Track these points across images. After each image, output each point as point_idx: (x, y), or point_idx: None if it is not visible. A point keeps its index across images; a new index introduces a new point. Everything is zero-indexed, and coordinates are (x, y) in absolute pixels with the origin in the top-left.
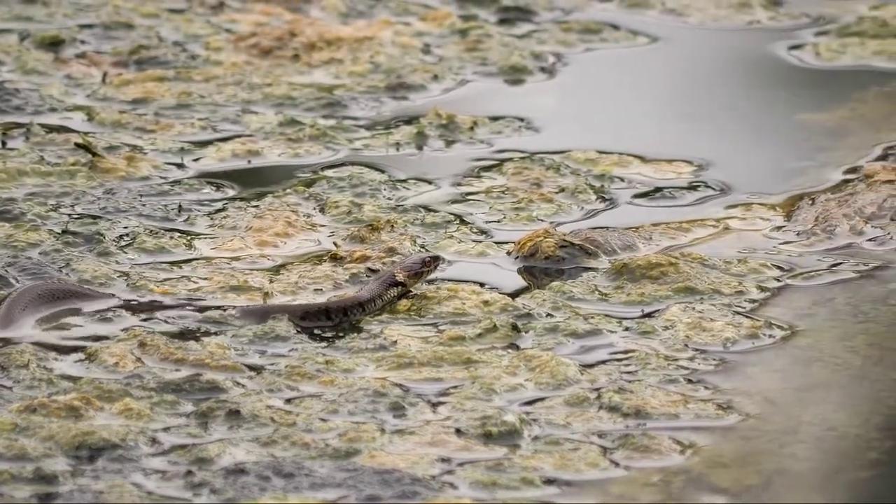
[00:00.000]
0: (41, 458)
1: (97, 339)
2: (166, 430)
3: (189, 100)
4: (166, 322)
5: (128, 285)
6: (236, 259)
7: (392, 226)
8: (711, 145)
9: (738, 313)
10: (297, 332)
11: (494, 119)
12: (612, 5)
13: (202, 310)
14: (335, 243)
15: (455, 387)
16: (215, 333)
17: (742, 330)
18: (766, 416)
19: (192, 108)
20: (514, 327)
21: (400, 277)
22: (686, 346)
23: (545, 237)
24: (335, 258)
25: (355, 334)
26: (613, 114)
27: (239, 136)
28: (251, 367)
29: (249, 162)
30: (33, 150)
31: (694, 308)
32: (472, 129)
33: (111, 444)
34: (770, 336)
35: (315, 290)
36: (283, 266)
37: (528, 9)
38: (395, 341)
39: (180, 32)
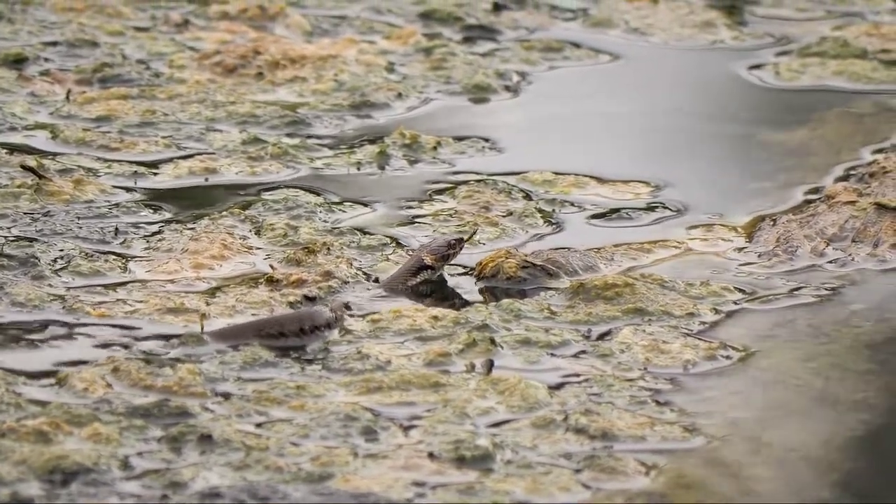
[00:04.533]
0: (15, 482)
1: (71, 363)
2: (139, 454)
3: (153, 118)
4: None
5: (63, 308)
6: (172, 282)
7: (328, 248)
8: (671, 166)
9: (689, 335)
10: (276, 356)
11: (459, 139)
12: (576, 24)
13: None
14: (271, 266)
15: (428, 410)
16: (192, 359)
17: (700, 352)
18: (728, 437)
19: (156, 125)
20: (492, 341)
21: (428, 261)
22: (645, 368)
23: (506, 258)
24: (271, 281)
25: (325, 355)
26: (574, 133)
27: (200, 154)
28: (220, 393)
29: (207, 180)
30: None
31: (644, 330)
32: (435, 148)
33: (84, 469)
34: (727, 358)
35: (252, 314)
36: (218, 289)
37: (493, 28)
38: (389, 360)
39: (144, 50)
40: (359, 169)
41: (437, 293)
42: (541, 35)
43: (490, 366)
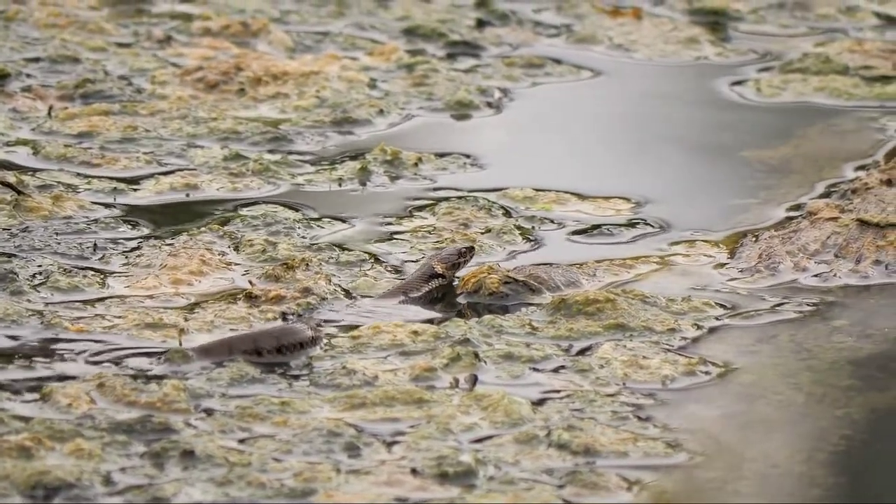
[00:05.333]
0: None
1: (50, 379)
2: (122, 470)
3: (134, 134)
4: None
5: (41, 324)
6: (150, 297)
7: (307, 264)
8: (652, 182)
9: (670, 350)
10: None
11: (440, 155)
12: (560, 41)
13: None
14: (250, 282)
15: (411, 426)
16: (177, 375)
17: (679, 367)
18: (710, 453)
19: (138, 141)
20: (476, 356)
21: (439, 269)
22: (623, 384)
23: (489, 274)
24: (250, 297)
25: (310, 372)
26: (556, 150)
27: (181, 170)
28: (204, 409)
29: (188, 195)
30: None
31: (624, 345)
32: (416, 164)
33: (67, 484)
34: (706, 373)
35: (230, 329)
36: (197, 304)
37: (477, 44)
38: (376, 376)
39: (127, 66)
40: (340, 185)
41: (417, 308)
42: (524, 51)
43: (474, 381)
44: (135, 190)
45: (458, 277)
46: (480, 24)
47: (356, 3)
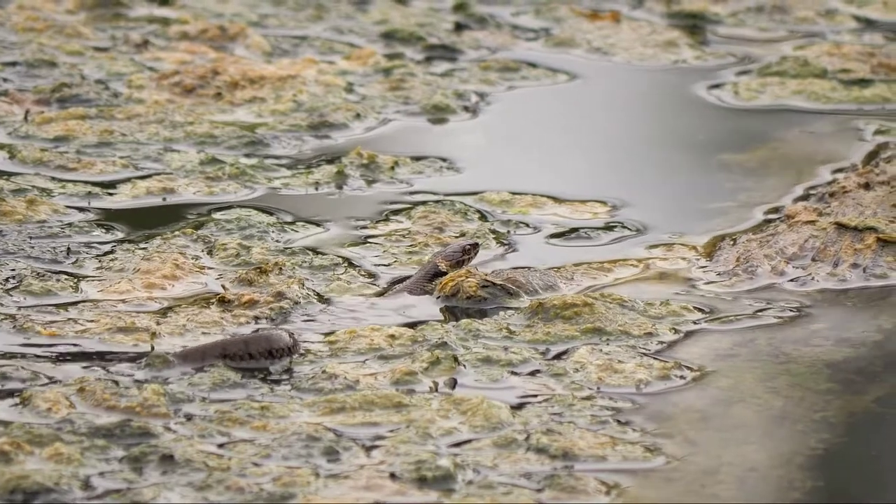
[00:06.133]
0: None
1: (23, 382)
2: (101, 474)
3: (111, 138)
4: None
5: (14, 328)
6: (123, 301)
7: (280, 268)
8: (630, 185)
9: (646, 355)
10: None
11: (416, 159)
12: (538, 44)
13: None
14: (223, 286)
15: (391, 431)
16: (158, 380)
17: (653, 371)
18: (688, 457)
19: (114, 146)
20: (455, 359)
21: (443, 267)
22: (598, 388)
23: (466, 277)
24: (223, 301)
25: (291, 377)
26: (532, 153)
27: (158, 174)
28: (183, 414)
29: (164, 200)
30: None
31: (601, 349)
32: (392, 168)
33: (45, 488)
34: (681, 377)
35: (203, 333)
36: (170, 308)
37: (455, 47)
38: (357, 380)
39: (104, 71)
40: (317, 189)
41: (392, 312)
42: (503, 55)
43: (453, 384)
44: (111, 194)
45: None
46: (458, 27)
47: (334, 7)
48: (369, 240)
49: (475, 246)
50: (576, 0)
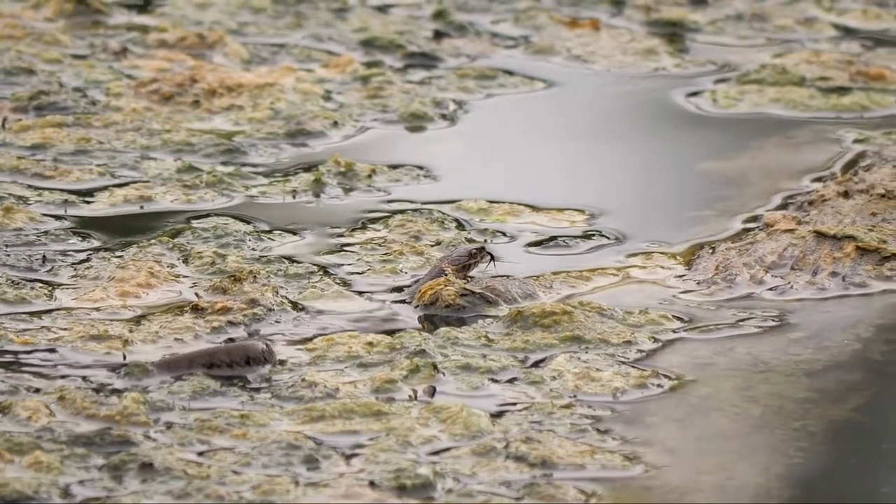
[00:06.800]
0: None
1: (16, 392)
2: (80, 483)
3: (88, 146)
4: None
5: None
6: (97, 309)
7: (255, 277)
8: (608, 194)
9: (624, 363)
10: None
11: (393, 167)
12: (518, 52)
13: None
14: (197, 294)
15: (371, 439)
16: (138, 388)
17: (630, 380)
18: (666, 465)
19: (91, 153)
20: (434, 367)
21: (449, 272)
22: (574, 396)
23: (445, 285)
24: (196, 309)
25: (270, 385)
26: (510, 161)
27: (135, 182)
28: (163, 422)
29: (142, 208)
30: None
31: (579, 358)
32: (370, 176)
33: (25, 497)
34: (658, 386)
35: (175, 339)
36: (144, 316)
37: (435, 55)
38: (337, 388)
39: (82, 78)
40: (294, 197)
41: (370, 319)
42: (482, 63)
43: (433, 392)
44: (88, 202)
45: (471, 278)
46: (438, 35)
47: (314, 15)
48: (345, 248)
49: (481, 250)
50: (555, 8)
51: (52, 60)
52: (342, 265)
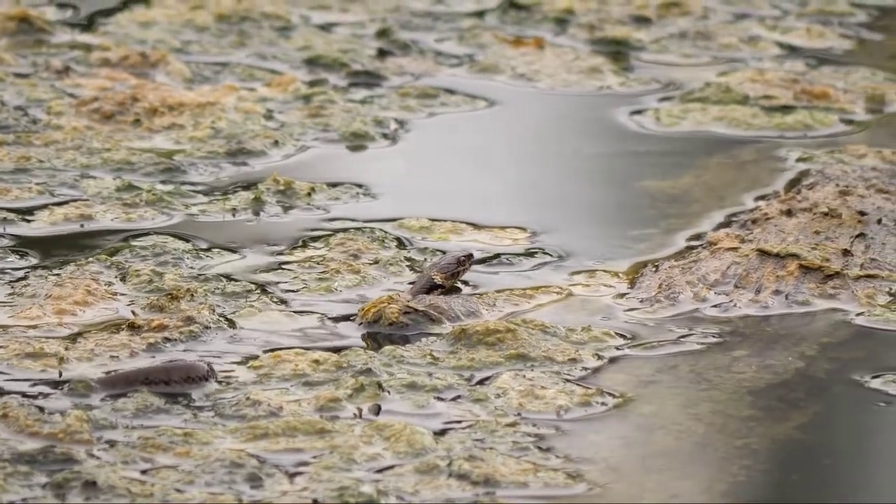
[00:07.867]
0: None
1: None
2: (23, 501)
3: (28, 164)
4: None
5: None
6: (34, 327)
7: (192, 295)
8: (551, 212)
9: (569, 381)
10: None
11: (333, 185)
12: (462, 70)
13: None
14: (133, 312)
15: (314, 457)
16: (82, 406)
17: (575, 398)
18: (610, 483)
19: (31, 172)
20: (379, 386)
21: (438, 280)
22: (519, 413)
23: (388, 303)
24: (133, 327)
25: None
26: (452, 180)
27: (75, 201)
28: (106, 440)
29: (82, 226)
30: None
31: (524, 375)
32: (309, 195)
33: None
34: (602, 404)
35: (111, 356)
36: (80, 334)
37: (379, 74)
38: (280, 406)
39: (23, 97)
40: (234, 215)
41: (316, 337)
42: (425, 81)
43: (377, 410)
44: (27, 221)
45: (461, 282)
46: (382, 53)
47: (257, 34)
48: (283, 266)
49: (469, 256)
50: (499, 27)
51: None
52: (279, 283)
